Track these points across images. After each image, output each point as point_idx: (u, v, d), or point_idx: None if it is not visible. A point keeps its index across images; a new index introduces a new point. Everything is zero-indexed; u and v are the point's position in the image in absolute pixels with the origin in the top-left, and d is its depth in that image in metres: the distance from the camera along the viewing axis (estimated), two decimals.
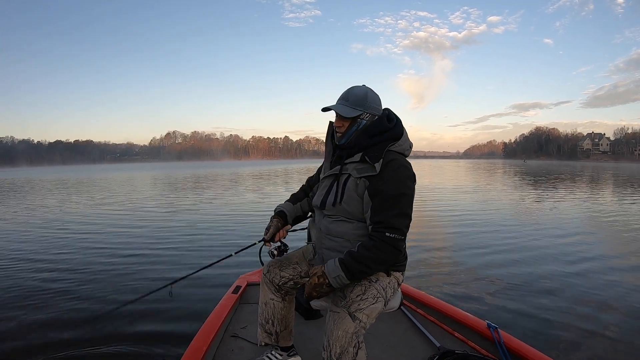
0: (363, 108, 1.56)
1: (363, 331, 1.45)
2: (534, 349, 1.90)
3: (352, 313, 1.44)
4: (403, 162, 1.53)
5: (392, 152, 1.54)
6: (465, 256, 5.42)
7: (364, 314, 1.45)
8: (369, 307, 1.47)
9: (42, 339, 3.03)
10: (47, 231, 7.96)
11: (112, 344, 2.95)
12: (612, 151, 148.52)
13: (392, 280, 1.63)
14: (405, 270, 1.72)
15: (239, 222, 8.74)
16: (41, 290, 4.15)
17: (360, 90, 1.58)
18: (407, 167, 1.52)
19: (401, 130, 1.58)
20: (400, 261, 1.64)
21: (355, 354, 1.42)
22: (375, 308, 1.49)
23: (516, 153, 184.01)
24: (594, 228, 7.88)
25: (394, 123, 1.60)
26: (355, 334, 1.42)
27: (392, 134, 1.56)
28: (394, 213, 1.45)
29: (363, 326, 1.45)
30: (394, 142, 1.55)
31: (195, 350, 1.85)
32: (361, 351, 1.44)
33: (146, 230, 7.88)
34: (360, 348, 1.43)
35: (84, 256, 5.67)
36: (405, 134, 1.61)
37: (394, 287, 1.64)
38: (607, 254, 5.58)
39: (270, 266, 1.86)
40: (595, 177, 28.65)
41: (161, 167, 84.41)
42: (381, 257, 1.46)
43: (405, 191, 1.48)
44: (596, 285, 4.12)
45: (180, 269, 4.78)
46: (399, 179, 1.48)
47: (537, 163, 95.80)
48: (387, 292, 1.58)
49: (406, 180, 1.49)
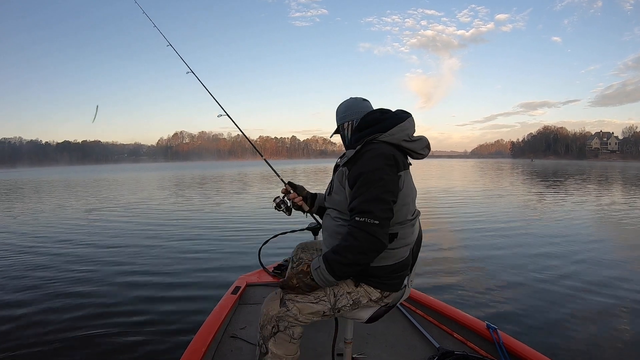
0: (342, 119, 1.71)
1: (290, 320, 1.48)
2: (533, 349, 1.89)
3: (283, 298, 1.50)
4: (380, 148, 1.48)
5: (377, 142, 1.52)
6: (465, 256, 5.41)
7: (295, 306, 1.48)
8: (304, 303, 1.49)
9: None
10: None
11: (113, 343, 2.98)
12: (620, 150, 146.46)
13: (358, 291, 1.54)
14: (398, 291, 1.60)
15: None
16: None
17: (341, 106, 1.74)
18: (383, 153, 1.46)
19: (393, 123, 1.55)
20: (378, 275, 1.52)
21: (273, 334, 1.48)
22: (311, 307, 1.49)
23: (524, 152, 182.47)
24: (600, 229, 7.80)
25: (386, 117, 1.59)
26: (278, 317, 1.48)
27: (375, 128, 1.54)
28: (365, 197, 1.40)
29: (291, 316, 1.47)
30: (381, 134, 1.53)
31: (194, 351, 1.86)
32: (281, 336, 1.48)
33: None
34: (281, 332, 1.48)
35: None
36: (405, 124, 1.56)
37: (357, 299, 1.54)
38: (608, 254, 5.52)
39: (298, 248, 2.04)
40: (604, 177, 28.33)
41: (174, 167, 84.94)
42: (354, 244, 1.38)
43: (377, 175, 1.41)
44: (596, 286, 4.08)
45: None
46: (373, 164, 1.44)
47: (544, 163, 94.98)
48: (339, 300, 1.52)
49: (380, 164, 1.44)
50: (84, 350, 2.89)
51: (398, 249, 1.52)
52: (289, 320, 1.48)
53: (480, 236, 6.83)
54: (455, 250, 5.83)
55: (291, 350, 1.50)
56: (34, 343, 2.99)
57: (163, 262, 5.30)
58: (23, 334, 3.13)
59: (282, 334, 1.48)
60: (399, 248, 1.52)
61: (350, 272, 1.46)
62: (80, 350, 2.88)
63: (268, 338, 1.48)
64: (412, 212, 1.56)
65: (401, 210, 1.49)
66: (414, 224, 1.59)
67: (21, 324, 3.33)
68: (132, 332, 3.16)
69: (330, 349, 1.96)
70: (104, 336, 3.09)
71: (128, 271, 4.89)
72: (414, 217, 1.57)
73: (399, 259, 1.53)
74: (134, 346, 2.93)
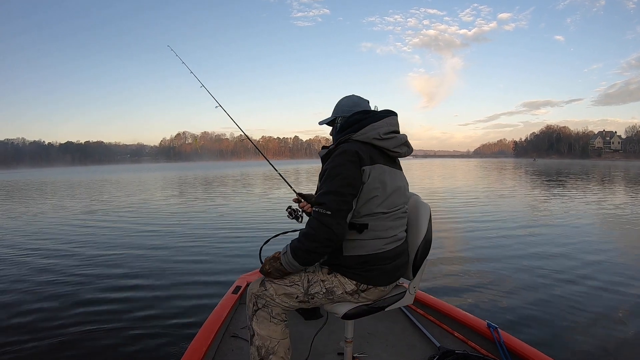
0: (335, 113, 1.78)
1: (268, 299, 1.59)
2: (534, 348, 1.89)
3: (263, 279, 1.64)
4: (345, 146, 1.56)
5: (346, 142, 1.60)
6: (465, 256, 5.39)
7: (272, 287, 1.60)
8: (280, 285, 1.60)
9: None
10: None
11: (113, 343, 2.99)
12: (623, 149, 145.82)
13: (332, 280, 1.59)
14: (375, 287, 1.60)
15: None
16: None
17: (343, 101, 1.79)
18: (346, 150, 1.54)
19: (368, 123, 1.62)
20: (348, 265, 1.57)
21: (254, 312, 1.60)
22: (285, 289, 1.59)
23: (527, 152, 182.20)
24: (604, 230, 7.73)
25: (366, 117, 1.64)
26: (257, 295, 1.61)
27: (353, 128, 1.63)
28: (323, 190, 1.52)
29: (268, 295, 1.59)
30: (354, 133, 1.61)
31: (195, 350, 1.86)
32: (261, 314, 1.59)
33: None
34: (260, 309, 1.59)
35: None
36: (378, 124, 1.61)
37: (330, 288, 1.58)
38: (610, 255, 5.49)
39: None
40: (607, 177, 28.22)
41: (177, 168, 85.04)
42: (310, 232, 1.49)
43: (337, 171, 1.50)
44: (598, 287, 4.06)
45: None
46: (336, 161, 1.53)
47: (547, 162, 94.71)
48: (312, 286, 1.59)
49: (341, 161, 1.52)
50: (84, 350, 2.90)
51: (369, 240, 1.56)
52: (266, 299, 1.59)
53: (481, 235, 6.81)
54: (456, 249, 5.81)
55: (275, 332, 1.57)
56: (32, 343, 3.00)
57: (164, 262, 5.31)
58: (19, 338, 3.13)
59: (261, 311, 1.59)
60: (371, 240, 1.56)
61: (311, 259, 1.53)
62: (81, 350, 2.89)
63: (251, 318, 1.60)
64: (389, 206, 1.58)
65: (370, 202, 1.54)
66: (393, 218, 1.60)
67: (19, 325, 3.35)
68: (133, 331, 3.16)
69: (332, 348, 1.96)
70: (105, 336, 3.10)
71: (129, 271, 4.90)
72: (390, 211, 1.59)
73: (371, 251, 1.56)
74: (135, 345, 2.94)
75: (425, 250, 1.70)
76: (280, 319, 1.59)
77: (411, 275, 1.71)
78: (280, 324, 1.59)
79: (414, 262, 1.69)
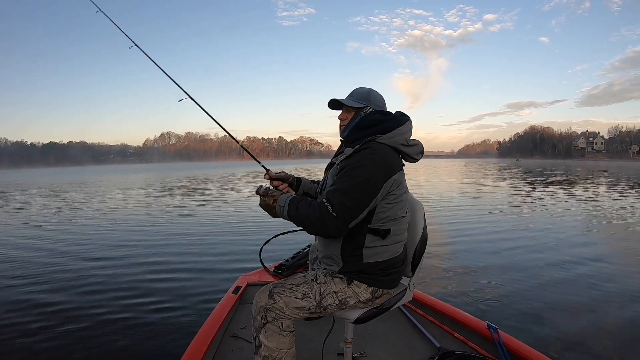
0: (366, 102, 1.64)
1: (278, 312, 1.51)
2: (533, 349, 1.91)
3: (272, 291, 1.53)
4: (379, 150, 1.50)
5: (375, 143, 1.53)
6: (465, 257, 5.41)
7: (282, 300, 1.51)
8: (291, 298, 1.52)
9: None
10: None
11: (113, 343, 2.95)
12: (606, 150, 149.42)
13: (346, 292, 1.55)
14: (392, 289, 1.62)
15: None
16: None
17: (364, 89, 1.68)
18: (377, 153, 1.48)
19: (393, 125, 1.57)
20: (371, 273, 1.54)
21: (263, 325, 1.51)
22: (297, 302, 1.52)
23: (511, 152, 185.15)
24: (599, 229, 7.80)
25: (387, 119, 1.60)
26: (266, 309, 1.51)
27: (378, 129, 1.56)
28: (335, 187, 1.45)
29: (278, 308, 1.50)
30: (380, 135, 1.55)
31: (195, 350, 1.85)
32: (270, 327, 1.50)
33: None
34: (269, 323, 1.50)
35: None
36: (403, 128, 1.59)
37: (344, 300, 1.56)
38: (610, 255, 5.55)
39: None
40: (591, 177, 28.75)
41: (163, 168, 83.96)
42: (310, 216, 1.44)
43: (360, 172, 1.44)
44: (597, 287, 4.10)
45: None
46: (361, 159, 1.47)
47: (530, 162, 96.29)
48: (325, 298, 1.54)
49: (370, 163, 1.46)
50: (85, 350, 2.86)
51: (390, 245, 1.55)
52: (276, 312, 1.51)
53: (480, 236, 6.83)
54: (456, 250, 5.82)
55: (283, 343, 1.51)
56: (32, 341, 2.96)
57: (164, 262, 5.25)
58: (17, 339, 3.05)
59: (270, 325, 1.51)
60: (393, 244, 1.56)
61: (300, 226, 1.52)
62: (81, 350, 2.85)
63: (259, 330, 1.52)
64: (406, 209, 1.59)
65: (394, 207, 1.52)
66: (406, 220, 1.62)
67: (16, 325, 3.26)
68: (133, 331, 3.13)
69: (331, 348, 1.95)
70: (105, 335, 3.06)
71: (129, 271, 4.84)
72: (406, 214, 1.60)
73: (391, 255, 1.56)
74: (135, 346, 2.91)
75: (423, 247, 1.72)
76: (289, 330, 1.54)
77: (410, 272, 1.73)
78: (289, 335, 1.54)
79: (413, 260, 1.71)
